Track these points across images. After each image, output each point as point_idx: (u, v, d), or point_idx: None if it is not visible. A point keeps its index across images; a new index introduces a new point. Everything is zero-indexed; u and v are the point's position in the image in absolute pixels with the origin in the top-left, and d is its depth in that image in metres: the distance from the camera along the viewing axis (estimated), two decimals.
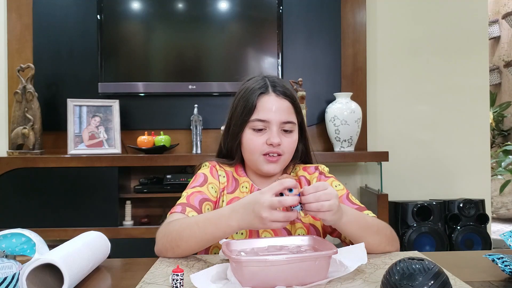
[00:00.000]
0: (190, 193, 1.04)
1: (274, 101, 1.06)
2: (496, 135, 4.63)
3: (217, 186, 1.09)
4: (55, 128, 2.43)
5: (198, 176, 1.09)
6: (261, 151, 1.05)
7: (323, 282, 0.75)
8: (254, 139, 1.05)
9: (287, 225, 0.94)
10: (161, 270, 0.87)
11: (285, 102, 1.07)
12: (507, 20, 4.48)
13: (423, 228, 2.31)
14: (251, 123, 1.06)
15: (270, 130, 1.05)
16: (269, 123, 1.05)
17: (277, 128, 1.05)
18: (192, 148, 2.43)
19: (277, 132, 1.05)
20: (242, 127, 1.07)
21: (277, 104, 1.06)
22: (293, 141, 1.08)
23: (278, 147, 1.05)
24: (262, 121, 1.05)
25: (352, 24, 2.58)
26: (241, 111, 1.07)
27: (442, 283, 0.62)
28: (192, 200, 1.02)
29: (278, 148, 1.05)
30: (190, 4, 2.49)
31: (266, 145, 1.04)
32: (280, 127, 1.06)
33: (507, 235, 0.84)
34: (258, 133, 1.06)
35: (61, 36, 2.48)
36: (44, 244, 0.79)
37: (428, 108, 2.64)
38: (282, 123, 1.06)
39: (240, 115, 1.07)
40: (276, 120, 1.05)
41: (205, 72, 2.48)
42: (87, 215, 2.17)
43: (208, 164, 1.12)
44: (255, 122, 1.05)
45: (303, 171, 1.14)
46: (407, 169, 2.61)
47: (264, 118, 1.05)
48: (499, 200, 4.34)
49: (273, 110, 1.05)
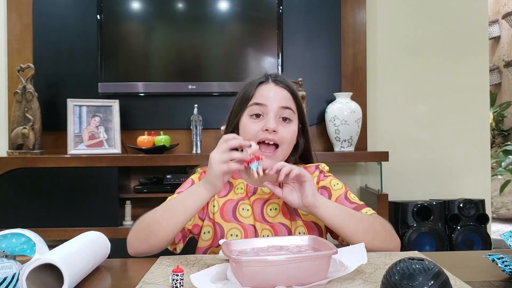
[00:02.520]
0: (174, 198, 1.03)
1: (272, 88, 1.06)
2: (496, 135, 4.63)
3: None
4: (55, 128, 2.43)
5: (186, 182, 1.11)
6: (256, 137, 1.03)
7: (323, 282, 0.75)
8: (250, 125, 1.04)
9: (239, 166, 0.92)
10: (161, 270, 0.87)
11: (283, 91, 1.07)
12: (507, 20, 4.48)
13: (423, 228, 2.31)
14: (248, 109, 1.05)
15: (267, 116, 1.04)
16: (266, 108, 1.04)
17: (275, 115, 1.04)
18: (192, 148, 2.43)
19: (274, 118, 1.04)
20: (240, 114, 1.06)
21: (275, 90, 1.06)
22: (291, 131, 1.06)
23: (275, 134, 1.02)
24: (259, 104, 1.04)
25: (352, 24, 2.58)
26: (239, 102, 1.08)
27: (442, 283, 0.62)
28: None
29: (275, 135, 1.02)
30: (190, 4, 2.49)
31: (262, 131, 1.03)
32: (278, 115, 1.04)
33: (507, 235, 0.84)
34: (255, 119, 1.04)
35: (61, 36, 2.48)
36: (44, 244, 0.79)
37: (428, 108, 2.64)
38: (280, 108, 1.04)
39: (238, 105, 1.08)
40: (274, 105, 1.04)
41: (205, 72, 2.48)
42: (87, 215, 2.17)
43: (199, 170, 1.13)
44: (252, 106, 1.05)
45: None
46: (407, 169, 2.61)
47: (261, 102, 1.04)
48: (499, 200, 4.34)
49: (270, 95, 1.05)
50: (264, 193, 1.09)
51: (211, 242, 1.06)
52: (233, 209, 1.07)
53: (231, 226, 1.05)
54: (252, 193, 1.09)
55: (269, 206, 1.07)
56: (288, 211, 1.07)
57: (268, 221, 1.05)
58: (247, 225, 1.05)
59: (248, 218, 1.05)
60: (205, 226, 1.07)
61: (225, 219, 1.05)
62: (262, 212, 1.06)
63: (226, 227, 1.04)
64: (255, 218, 1.05)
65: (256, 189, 1.09)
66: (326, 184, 1.09)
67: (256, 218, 1.05)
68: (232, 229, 1.04)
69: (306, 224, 1.07)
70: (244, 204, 1.07)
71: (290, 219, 1.06)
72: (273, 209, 1.07)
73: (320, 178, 1.11)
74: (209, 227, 1.06)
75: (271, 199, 1.08)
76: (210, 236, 1.06)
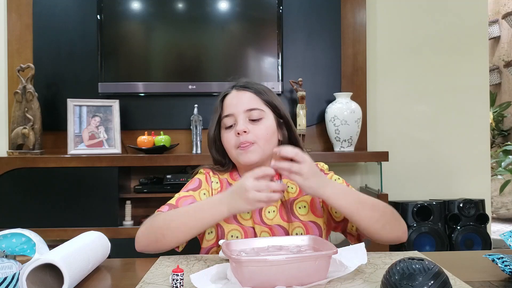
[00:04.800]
0: (182, 196, 1.06)
1: (234, 96, 1.11)
2: (496, 135, 4.63)
3: (209, 193, 1.10)
4: (55, 128, 2.43)
5: (194, 180, 1.12)
6: (234, 144, 1.06)
7: (323, 282, 0.75)
8: (227, 136, 1.09)
9: (272, 204, 0.98)
10: (161, 270, 0.87)
11: (245, 93, 1.10)
12: (507, 20, 4.48)
13: (423, 228, 2.31)
14: (222, 123, 1.11)
15: (236, 122, 1.07)
16: (234, 116, 1.08)
17: (243, 118, 1.07)
18: (192, 148, 2.43)
19: (243, 121, 1.07)
20: (216, 130, 1.12)
21: (237, 97, 1.10)
22: (264, 128, 1.07)
23: (246, 135, 1.05)
24: (228, 116, 1.09)
25: (352, 24, 2.58)
26: (213, 119, 1.13)
27: (442, 283, 0.62)
28: (181, 203, 1.03)
29: (247, 136, 1.05)
30: (190, 4, 2.49)
31: (236, 137, 1.06)
32: (247, 117, 1.07)
33: (507, 235, 0.84)
34: (229, 130, 1.09)
35: (61, 36, 2.48)
36: (44, 244, 0.79)
37: (428, 108, 2.64)
38: (247, 111, 1.07)
39: (212, 123, 1.13)
40: (239, 110, 1.07)
41: (205, 72, 2.48)
42: (87, 215, 2.17)
43: (203, 171, 1.15)
44: (223, 120, 1.10)
45: None
46: (407, 169, 2.61)
47: (228, 113, 1.09)
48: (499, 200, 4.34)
49: (234, 103, 1.09)
50: None
51: (214, 242, 1.07)
52: None
53: (231, 227, 1.05)
54: None
55: (267, 209, 1.08)
56: (285, 213, 1.07)
57: (266, 224, 1.06)
58: (247, 227, 1.06)
59: (248, 220, 1.06)
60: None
61: (226, 221, 1.06)
62: (260, 215, 1.07)
63: (227, 228, 1.05)
64: (254, 221, 1.06)
65: None
66: None
67: (255, 221, 1.06)
68: (232, 230, 1.05)
69: (305, 225, 1.07)
70: None
71: (287, 221, 1.07)
72: (271, 211, 1.08)
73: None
74: (212, 227, 1.07)
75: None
76: (214, 236, 1.07)
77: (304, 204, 1.09)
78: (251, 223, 1.06)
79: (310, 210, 1.09)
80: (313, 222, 1.08)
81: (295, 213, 1.08)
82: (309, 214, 1.08)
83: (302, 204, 1.09)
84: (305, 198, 1.10)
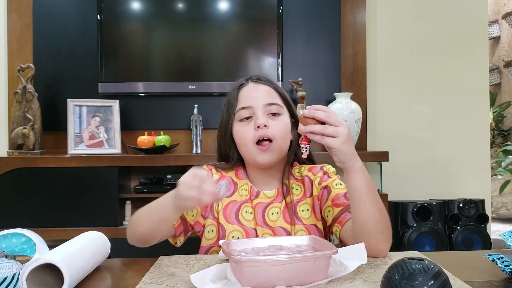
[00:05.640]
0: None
1: (253, 88, 1.08)
2: (496, 135, 4.63)
3: None
4: (55, 128, 2.43)
5: None
6: (252, 138, 1.02)
7: (323, 282, 0.75)
8: (242, 129, 1.05)
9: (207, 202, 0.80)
10: (161, 270, 0.87)
11: (264, 87, 1.08)
12: (507, 20, 4.48)
13: (423, 228, 2.31)
14: (237, 115, 1.06)
15: (255, 115, 1.04)
16: (253, 109, 1.04)
17: (263, 111, 1.04)
18: (192, 148, 2.43)
19: (263, 115, 1.04)
20: (230, 122, 1.07)
21: (256, 89, 1.07)
22: (283, 124, 1.05)
23: (266, 129, 1.02)
24: (246, 108, 1.05)
25: (352, 24, 2.58)
26: (226, 111, 1.09)
27: (442, 283, 0.62)
28: None
29: (267, 130, 1.02)
30: (190, 4, 2.49)
31: (255, 131, 1.03)
32: (266, 111, 1.05)
33: (507, 235, 0.84)
34: (246, 122, 1.05)
35: (61, 36, 2.48)
36: (44, 244, 0.79)
37: (428, 108, 2.64)
38: (266, 105, 1.05)
39: (226, 115, 1.09)
40: (258, 103, 1.04)
41: (205, 72, 2.48)
42: (87, 215, 2.17)
43: (206, 168, 1.12)
44: (239, 112, 1.06)
45: (308, 172, 1.11)
46: (407, 169, 2.61)
47: (246, 105, 1.05)
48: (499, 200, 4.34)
49: (253, 95, 1.06)
50: (266, 197, 1.08)
51: (214, 241, 1.05)
52: (236, 211, 1.07)
53: (233, 228, 1.04)
54: (255, 196, 1.08)
55: (271, 210, 1.07)
56: (288, 215, 1.06)
57: (269, 225, 1.05)
58: (249, 228, 1.05)
59: (250, 221, 1.05)
60: (209, 225, 1.07)
61: (227, 221, 1.05)
62: (263, 216, 1.06)
63: (228, 228, 1.04)
64: (256, 223, 1.05)
65: (259, 193, 1.09)
66: (329, 183, 1.06)
67: (258, 222, 1.05)
68: (234, 231, 1.04)
69: (307, 228, 1.05)
70: (247, 207, 1.07)
71: (290, 223, 1.05)
72: (274, 213, 1.06)
73: (323, 179, 1.08)
74: (213, 226, 1.06)
75: (272, 203, 1.08)
76: (214, 235, 1.06)
77: (307, 207, 1.07)
78: (253, 224, 1.05)
79: (312, 213, 1.07)
80: (314, 225, 1.06)
81: (299, 216, 1.06)
82: (312, 218, 1.06)
83: (306, 207, 1.07)
84: (308, 201, 1.08)
